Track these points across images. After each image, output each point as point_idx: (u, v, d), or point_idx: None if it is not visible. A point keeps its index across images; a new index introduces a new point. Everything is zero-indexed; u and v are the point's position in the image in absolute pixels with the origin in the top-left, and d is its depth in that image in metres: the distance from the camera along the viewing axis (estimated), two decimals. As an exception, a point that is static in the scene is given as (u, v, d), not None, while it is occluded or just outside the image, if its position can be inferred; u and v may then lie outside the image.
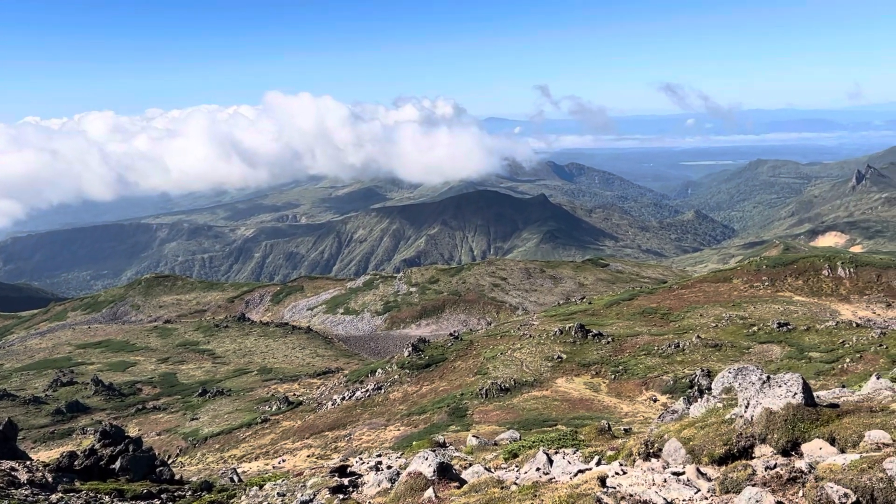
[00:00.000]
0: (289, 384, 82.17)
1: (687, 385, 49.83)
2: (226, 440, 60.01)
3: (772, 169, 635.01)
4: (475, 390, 54.91)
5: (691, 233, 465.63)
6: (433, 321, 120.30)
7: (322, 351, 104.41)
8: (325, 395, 67.90)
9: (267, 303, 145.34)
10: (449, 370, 65.79)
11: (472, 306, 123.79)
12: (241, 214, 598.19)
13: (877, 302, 76.81)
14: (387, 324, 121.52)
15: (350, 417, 57.80)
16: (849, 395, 13.86)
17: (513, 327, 78.34)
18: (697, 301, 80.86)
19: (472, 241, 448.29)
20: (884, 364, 47.51)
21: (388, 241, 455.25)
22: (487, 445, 23.38)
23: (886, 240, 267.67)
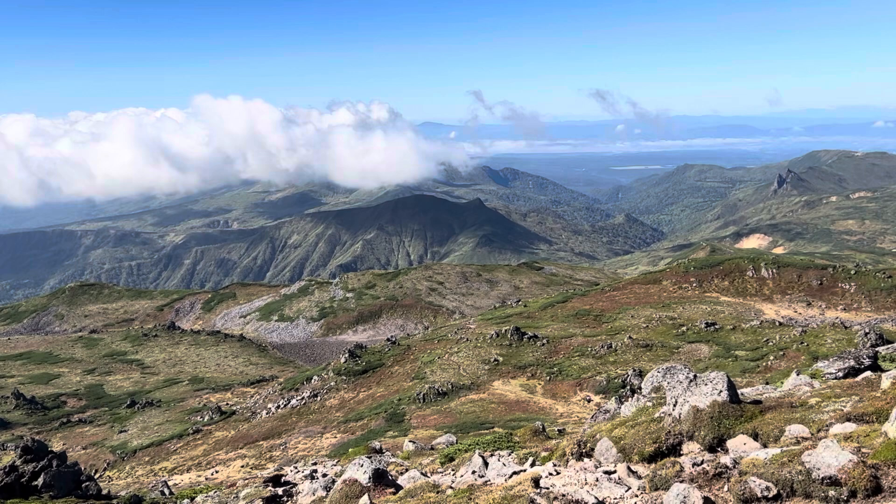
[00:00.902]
0: (221, 394, 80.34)
1: (619, 385, 50.87)
2: (156, 452, 58.23)
3: (698, 173, 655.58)
4: (413, 395, 54.80)
5: (622, 236, 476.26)
6: (370, 327, 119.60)
7: (256, 359, 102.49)
8: (260, 403, 66.65)
9: (198, 311, 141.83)
10: (386, 375, 65.49)
11: (410, 311, 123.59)
12: (170, 220, 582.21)
13: (798, 301, 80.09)
14: (323, 330, 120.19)
15: (285, 426, 56.88)
16: (771, 392, 14.38)
17: (450, 331, 78.55)
18: (629, 302, 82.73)
19: (408, 246, 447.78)
20: (805, 361, 49.46)
21: (324, 246, 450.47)
22: (424, 450, 23.33)
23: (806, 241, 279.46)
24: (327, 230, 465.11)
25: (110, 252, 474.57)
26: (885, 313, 74.07)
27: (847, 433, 9.24)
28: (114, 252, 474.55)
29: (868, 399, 10.98)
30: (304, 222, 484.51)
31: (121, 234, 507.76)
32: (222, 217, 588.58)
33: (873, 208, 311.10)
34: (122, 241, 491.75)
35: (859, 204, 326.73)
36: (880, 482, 7.37)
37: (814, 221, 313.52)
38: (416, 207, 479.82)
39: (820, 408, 11.09)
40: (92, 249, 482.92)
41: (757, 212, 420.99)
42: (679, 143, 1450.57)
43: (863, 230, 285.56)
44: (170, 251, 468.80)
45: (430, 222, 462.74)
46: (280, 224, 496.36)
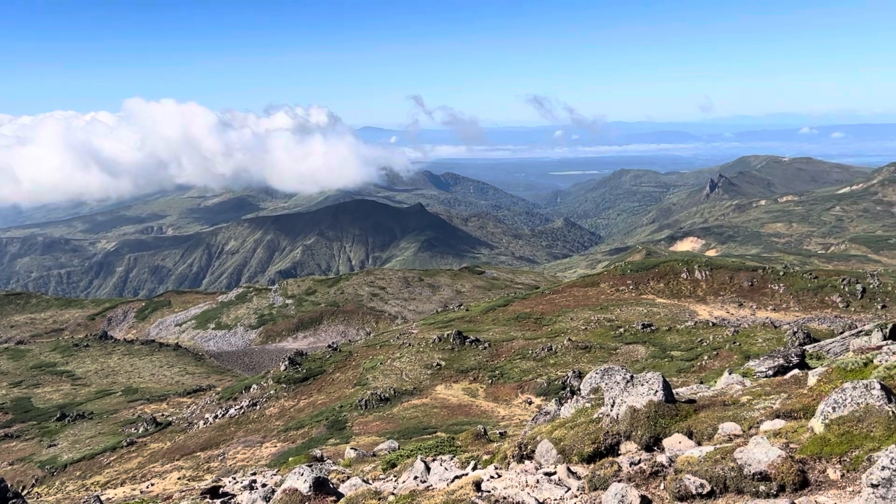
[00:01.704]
0: (157, 404, 78.11)
1: (560, 387, 51.53)
2: (88, 466, 56.22)
3: (634, 178, 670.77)
4: (354, 402, 54.38)
5: (561, 240, 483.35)
6: (311, 333, 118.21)
7: (192, 368, 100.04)
8: (197, 413, 65.08)
9: (131, 319, 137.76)
10: (328, 383, 64.82)
11: (351, 317, 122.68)
12: (101, 227, 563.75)
13: (730, 302, 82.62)
14: (262, 338, 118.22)
15: (223, 436, 55.68)
16: (705, 391, 14.75)
17: (392, 336, 78.28)
18: (568, 305, 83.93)
19: (349, 251, 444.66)
20: (737, 360, 50.99)
21: (262, 252, 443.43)
22: (366, 457, 23.15)
23: (737, 244, 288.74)
24: (266, 236, 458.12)
25: (38, 260, 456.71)
26: (812, 313, 77.08)
27: (776, 430, 9.54)
28: (42, 260, 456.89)
29: (796, 396, 11.36)
30: (242, 228, 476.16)
31: (49, 241, 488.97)
32: (156, 223, 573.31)
33: (800, 212, 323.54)
34: (50, 248, 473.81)
35: (787, 207, 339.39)
36: (807, 476, 7.63)
37: (744, 224, 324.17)
38: (357, 212, 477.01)
39: (751, 405, 11.42)
40: (18, 257, 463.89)
41: (690, 215, 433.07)
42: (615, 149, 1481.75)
43: (790, 233, 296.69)
44: (101, 258, 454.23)
45: (372, 227, 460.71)
46: (217, 230, 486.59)
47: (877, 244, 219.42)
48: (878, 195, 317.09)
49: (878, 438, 8.00)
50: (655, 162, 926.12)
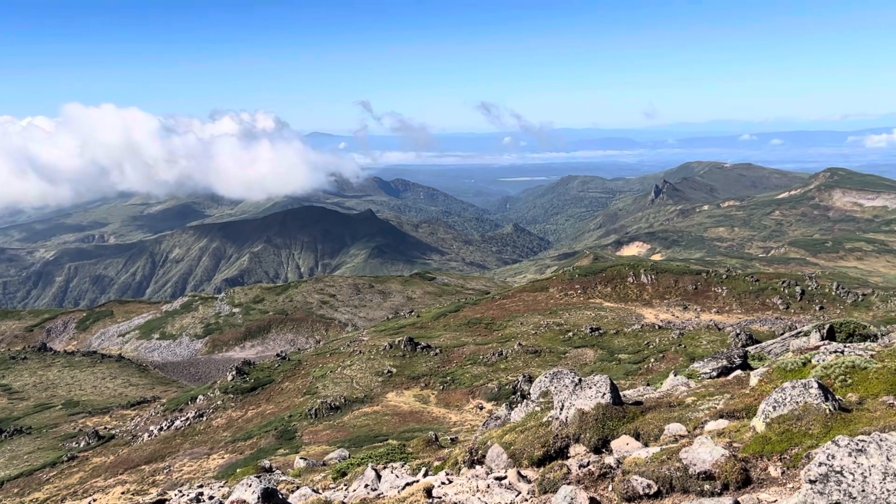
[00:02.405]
0: (99, 417, 75.83)
1: (510, 391, 51.83)
2: (26, 483, 54.20)
3: (581, 184, 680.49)
4: (304, 411, 53.73)
5: (511, 245, 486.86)
6: (259, 342, 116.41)
7: (136, 380, 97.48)
8: (141, 426, 63.43)
9: (72, 330, 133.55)
10: (276, 392, 63.90)
11: (301, 325, 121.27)
12: (39, 235, 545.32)
13: (675, 305, 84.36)
14: (208, 347, 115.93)
15: (169, 448, 54.37)
16: (651, 393, 15.00)
17: (342, 344, 77.67)
18: (518, 310, 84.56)
19: (298, 259, 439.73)
20: (683, 362, 52.08)
21: (208, 260, 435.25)
22: (316, 466, 22.87)
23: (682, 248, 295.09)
24: (212, 243, 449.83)
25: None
26: (754, 315, 79.26)
27: (720, 429, 9.75)
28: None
29: (738, 396, 11.64)
30: (187, 236, 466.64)
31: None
32: (98, 231, 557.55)
33: (741, 216, 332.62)
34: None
35: (729, 212, 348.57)
36: (749, 474, 7.81)
37: (688, 229, 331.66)
38: (305, 219, 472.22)
39: (696, 406, 11.66)
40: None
41: (636, 220, 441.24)
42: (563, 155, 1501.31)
43: (732, 237, 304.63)
44: (40, 268, 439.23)
45: (321, 234, 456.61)
46: (161, 238, 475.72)
47: (814, 247, 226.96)
48: (815, 200, 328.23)
49: (816, 436, 8.24)
50: (602, 168, 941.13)
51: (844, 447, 5.82)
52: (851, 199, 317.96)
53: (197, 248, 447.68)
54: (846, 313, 75.56)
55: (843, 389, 10.76)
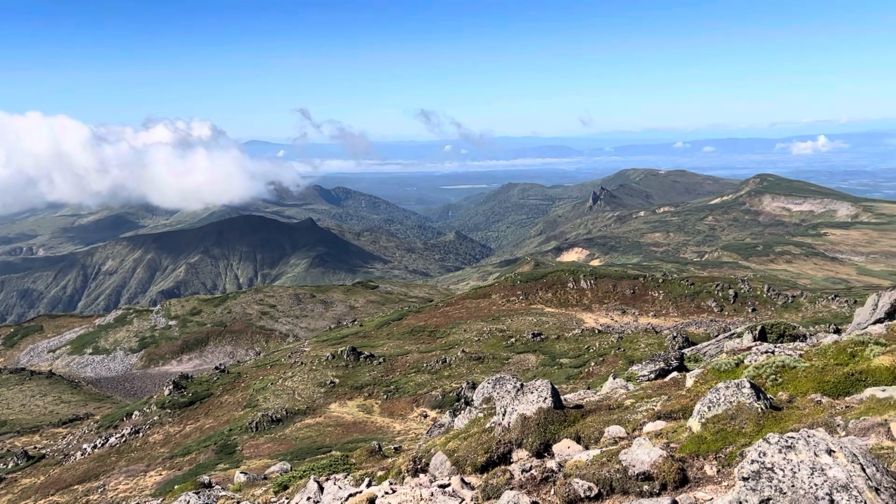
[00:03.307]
0: (28, 436, 72.77)
1: (455, 398, 51.90)
2: (-53, 510, 51.63)
3: (521, 192, 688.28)
4: (245, 424, 52.69)
5: (453, 253, 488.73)
6: (197, 355, 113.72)
7: (68, 396, 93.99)
8: (73, 444, 61.18)
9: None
10: (215, 406, 62.49)
11: (240, 337, 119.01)
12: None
13: (614, 309, 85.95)
14: (144, 361, 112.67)
15: (104, 466, 52.55)
16: (592, 396, 15.21)
17: (283, 355, 76.54)
18: (461, 317, 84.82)
19: (237, 269, 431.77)
20: (622, 365, 53.04)
21: (143, 272, 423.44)
22: (257, 480, 22.43)
23: (619, 253, 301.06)
24: (146, 255, 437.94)
25: None
26: (690, 317, 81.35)
27: (658, 430, 9.94)
28: None
29: (675, 397, 11.90)
30: (121, 247, 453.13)
31: None
32: (25, 244, 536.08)
33: (676, 221, 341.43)
34: None
35: (664, 218, 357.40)
36: (686, 474, 7.98)
37: (625, 235, 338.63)
38: (244, 228, 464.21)
39: (634, 408, 11.87)
40: None
41: (575, 227, 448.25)
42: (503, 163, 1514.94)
43: (668, 242, 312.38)
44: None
45: (260, 243, 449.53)
46: (93, 250, 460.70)
47: (746, 251, 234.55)
48: (746, 205, 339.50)
49: (749, 434, 8.48)
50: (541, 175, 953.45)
51: (775, 444, 6.00)
52: (780, 204, 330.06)
53: (131, 259, 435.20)
54: (777, 314, 78.29)
55: (774, 388, 11.11)
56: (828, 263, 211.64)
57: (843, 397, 10.37)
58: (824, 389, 10.70)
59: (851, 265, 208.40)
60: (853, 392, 10.53)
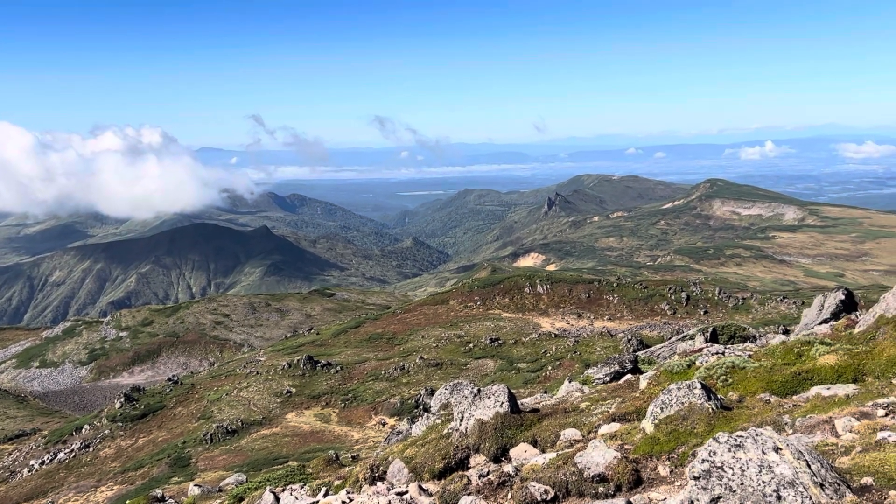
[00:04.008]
0: (-29, 455, 70.29)
1: (413, 405, 51.77)
2: None
3: (478, 198, 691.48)
4: (199, 436, 51.73)
5: (411, 259, 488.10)
6: (149, 367, 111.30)
7: (14, 412, 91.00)
8: (20, 461, 59.29)
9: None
10: (169, 418, 61.22)
11: (193, 347, 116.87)
12: None
13: (570, 313, 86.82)
14: (93, 374, 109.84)
15: (52, 483, 51.04)
16: (548, 400, 15.34)
17: (238, 365, 75.43)
18: (419, 323, 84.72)
19: (189, 278, 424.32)
20: (578, 368, 53.58)
21: (92, 282, 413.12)
22: (212, 493, 22.04)
23: (574, 258, 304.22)
24: (96, 265, 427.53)
25: None
26: (644, 320, 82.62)
27: (612, 432, 10.07)
28: None
29: (629, 400, 12.06)
30: (69, 257, 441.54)
31: None
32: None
33: (629, 226, 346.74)
34: None
35: (618, 223, 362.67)
36: (640, 474, 8.09)
37: (580, 240, 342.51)
38: (196, 237, 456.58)
39: (589, 411, 12.00)
40: None
41: (531, 232, 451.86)
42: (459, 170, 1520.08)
43: (622, 246, 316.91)
44: None
45: (214, 252, 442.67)
46: (39, 260, 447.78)
47: (697, 255, 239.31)
48: (697, 210, 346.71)
49: (700, 434, 8.65)
50: (497, 182, 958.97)
51: (724, 443, 6.13)
52: (730, 208, 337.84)
53: (80, 269, 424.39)
54: (728, 317, 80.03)
55: (724, 389, 11.35)
56: (776, 266, 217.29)
57: (790, 396, 10.65)
58: (773, 389, 10.97)
59: (799, 267, 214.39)
60: (800, 391, 10.82)
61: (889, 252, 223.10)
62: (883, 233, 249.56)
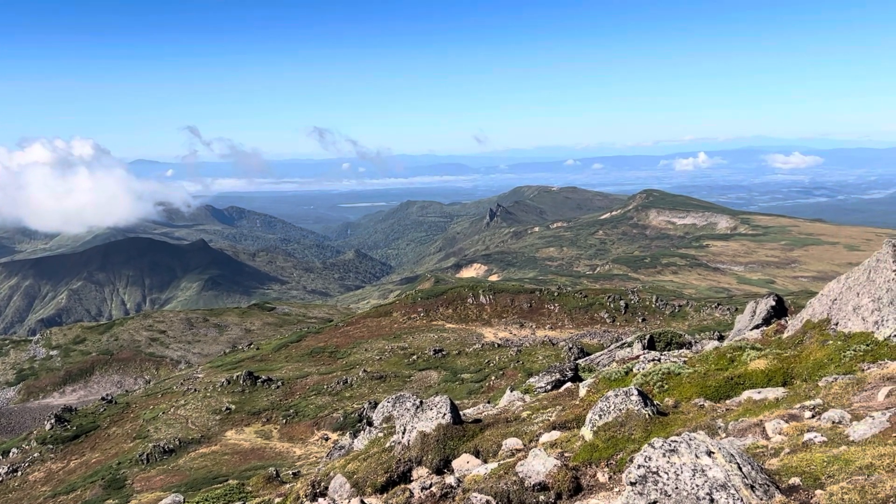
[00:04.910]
0: None
1: (356, 419, 51.29)
2: None
3: (420, 209, 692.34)
4: (135, 457, 50.14)
5: (353, 271, 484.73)
6: (81, 386, 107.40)
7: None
8: (-59, 490, 56.32)
9: None
10: (103, 439, 59.18)
11: (128, 365, 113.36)
12: None
13: (513, 323, 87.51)
14: (22, 395, 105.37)
15: (-24, 512, 48.70)
16: (490, 410, 15.40)
17: (175, 383, 73.50)
18: (362, 336, 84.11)
19: (123, 294, 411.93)
20: (521, 377, 54.00)
21: (20, 299, 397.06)
22: (148, 516, 21.37)
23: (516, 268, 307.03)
24: (24, 281, 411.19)
25: None
26: (584, 329, 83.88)
27: (553, 441, 10.18)
28: None
29: (569, 408, 12.22)
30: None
31: None
32: None
33: (569, 236, 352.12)
34: None
35: (558, 233, 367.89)
36: (580, 482, 8.19)
37: (522, 250, 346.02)
38: (131, 251, 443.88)
39: (531, 420, 12.10)
40: None
41: (473, 243, 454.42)
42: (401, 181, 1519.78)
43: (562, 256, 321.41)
44: None
45: (149, 267, 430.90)
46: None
47: (635, 263, 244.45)
48: (634, 219, 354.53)
49: (638, 440, 8.81)
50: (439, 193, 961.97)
51: (659, 449, 6.26)
52: (665, 217, 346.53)
53: (6, 286, 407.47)
54: (665, 324, 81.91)
55: (661, 395, 11.61)
56: (710, 274, 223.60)
57: (723, 400, 10.95)
58: (706, 394, 11.27)
59: (732, 275, 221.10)
60: (732, 395, 11.15)
61: (816, 259, 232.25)
62: (810, 240, 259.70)
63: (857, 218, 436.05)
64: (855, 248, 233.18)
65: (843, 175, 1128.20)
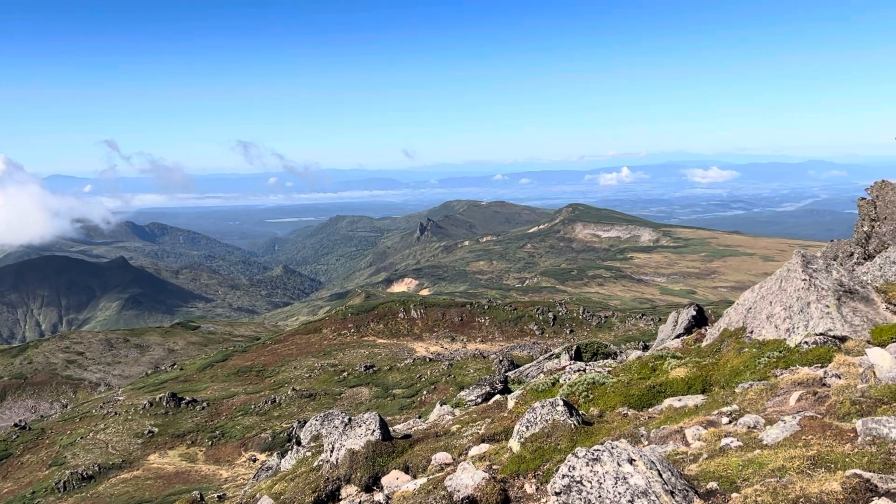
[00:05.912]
0: None
1: (286, 439, 50.32)
2: None
3: (350, 224, 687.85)
4: (50, 485, 47.85)
5: (281, 288, 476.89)
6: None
7: None
8: None
9: None
10: (16, 467, 56.25)
11: (43, 389, 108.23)
12: None
13: (444, 337, 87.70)
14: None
15: None
16: (420, 425, 15.38)
17: (94, 406, 70.61)
18: (291, 354, 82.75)
19: (38, 315, 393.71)
20: (453, 391, 54.08)
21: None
22: (64, 547, 20.40)
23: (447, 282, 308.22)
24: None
25: None
26: (514, 341, 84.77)
27: (482, 453, 10.23)
28: None
29: (498, 420, 12.32)
30: None
31: None
32: None
33: (498, 250, 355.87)
34: None
35: (487, 247, 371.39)
36: (508, 494, 8.26)
37: (452, 264, 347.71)
38: (45, 270, 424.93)
39: (460, 433, 12.14)
40: None
41: (404, 258, 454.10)
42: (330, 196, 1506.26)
43: (492, 269, 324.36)
44: None
45: (65, 286, 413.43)
46: None
47: (562, 276, 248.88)
48: (561, 233, 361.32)
49: (564, 450, 8.95)
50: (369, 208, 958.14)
51: (583, 458, 6.39)
52: (591, 231, 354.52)
53: None
54: (592, 335, 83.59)
55: (586, 405, 11.83)
56: (635, 285, 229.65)
57: (646, 409, 11.24)
58: (630, 402, 11.54)
59: (655, 286, 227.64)
60: (654, 403, 11.45)
61: (734, 269, 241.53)
62: (729, 251, 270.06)
63: (772, 230, 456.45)
64: (770, 259, 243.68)
65: (759, 189, 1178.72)
